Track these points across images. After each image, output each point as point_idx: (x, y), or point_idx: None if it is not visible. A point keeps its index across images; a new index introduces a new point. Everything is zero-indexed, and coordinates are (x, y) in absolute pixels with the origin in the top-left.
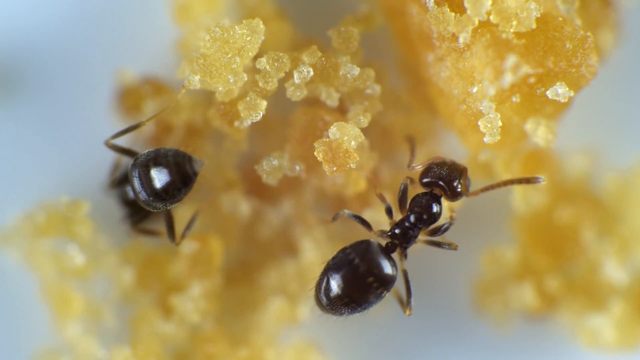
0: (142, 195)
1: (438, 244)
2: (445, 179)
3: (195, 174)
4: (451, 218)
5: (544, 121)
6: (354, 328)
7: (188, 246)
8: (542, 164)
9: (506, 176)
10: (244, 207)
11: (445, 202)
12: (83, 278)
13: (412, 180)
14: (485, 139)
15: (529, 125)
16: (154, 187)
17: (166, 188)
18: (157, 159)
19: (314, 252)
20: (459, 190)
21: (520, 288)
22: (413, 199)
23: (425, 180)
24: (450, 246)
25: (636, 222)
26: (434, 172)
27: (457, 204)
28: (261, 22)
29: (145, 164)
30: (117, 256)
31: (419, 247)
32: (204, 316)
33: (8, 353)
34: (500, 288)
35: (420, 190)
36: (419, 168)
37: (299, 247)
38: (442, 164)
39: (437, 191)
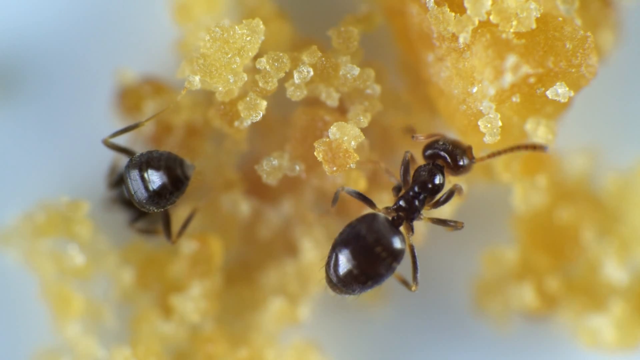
0: (136, 197)
1: (443, 222)
2: (448, 151)
3: (187, 177)
4: (454, 187)
5: (544, 121)
6: (354, 328)
7: (188, 246)
8: (542, 164)
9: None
10: (244, 207)
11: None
12: (83, 278)
13: (412, 156)
14: (485, 139)
15: (529, 125)
16: (147, 189)
17: (158, 191)
18: (149, 162)
19: (314, 252)
20: (461, 163)
21: (520, 288)
22: (416, 170)
23: (428, 152)
24: (456, 224)
25: (636, 222)
26: (437, 144)
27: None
28: (261, 22)
29: (138, 166)
30: (117, 256)
31: (419, 247)
32: (204, 316)
33: (8, 353)
34: (500, 288)
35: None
36: (421, 139)
37: (299, 247)
38: (445, 138)
39: (439, 162)
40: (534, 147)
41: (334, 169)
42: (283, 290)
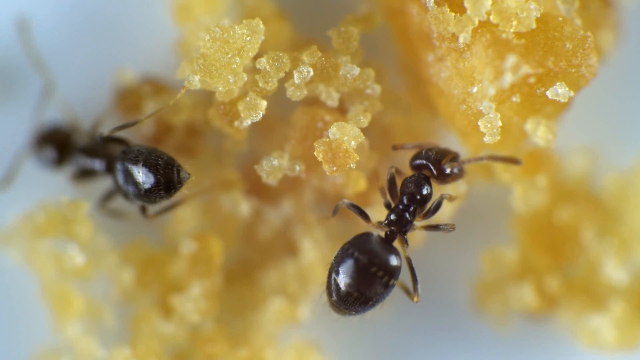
0: (124, 189)
1: (435, 227)
2: (432, 161)
3: (181, 183)
4: (441, 197)
5: (544, 121)
6: (354, 328)
7: (188, 246)
8: (542, 164)
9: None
10: (244, 207)
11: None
12: (83, 278)
13: (397, 170)
14: (485, 139)
15: (529, 125)
16: (137, 184)
17: (149, 189)
18: (148, 158)
19: (314, 252)
20: (446, 172)
21: (520, 288)
22: (403, 182)
23: (414, 163)
24: (448, 226)
25: (636, 222)
26: (422, 154)
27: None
28: (261, 22)
29: (135, 158)
30: (117, 256)
31: (419, 247)
32: (204, 316)
33: (8, 353)
34: (500, 288)
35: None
36: (407, 147)
37: (299, 247)
38: (431, 148)
39: (425, 172)
40: (508, 160)
41: (334, 169)
42: (283, 290)
